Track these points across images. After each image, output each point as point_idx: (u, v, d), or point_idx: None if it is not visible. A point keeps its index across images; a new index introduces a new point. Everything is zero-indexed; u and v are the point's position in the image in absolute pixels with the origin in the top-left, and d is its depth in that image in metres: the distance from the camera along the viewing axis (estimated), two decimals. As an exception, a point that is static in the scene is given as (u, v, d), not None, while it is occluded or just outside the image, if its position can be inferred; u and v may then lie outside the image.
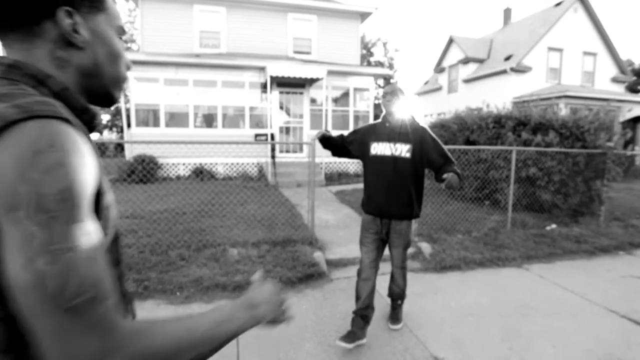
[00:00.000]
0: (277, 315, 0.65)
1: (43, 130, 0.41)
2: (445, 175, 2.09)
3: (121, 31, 0.61)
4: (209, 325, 0.52)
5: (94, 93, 0.59)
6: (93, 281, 0.41)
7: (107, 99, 0.61)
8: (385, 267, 2.72)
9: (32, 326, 0.39)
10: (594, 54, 16.28)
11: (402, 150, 2.27)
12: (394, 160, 2.28)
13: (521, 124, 6.16)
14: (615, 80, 16.65)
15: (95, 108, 0.59)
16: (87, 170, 0.44)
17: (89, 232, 0.42)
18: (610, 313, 2.92)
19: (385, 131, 2.35)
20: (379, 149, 2.33)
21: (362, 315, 2.37)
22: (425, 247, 4.16)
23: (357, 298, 2.41)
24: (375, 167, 2.36)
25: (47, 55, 0.52)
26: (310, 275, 3.38)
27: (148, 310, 2.79)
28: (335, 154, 2.58)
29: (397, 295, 2.59)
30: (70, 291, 0.39)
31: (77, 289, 0.39)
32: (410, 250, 4.15)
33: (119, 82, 0.62)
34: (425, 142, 2.30)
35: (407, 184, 2.29)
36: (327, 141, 2.49)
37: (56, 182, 0.40)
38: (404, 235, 2.39)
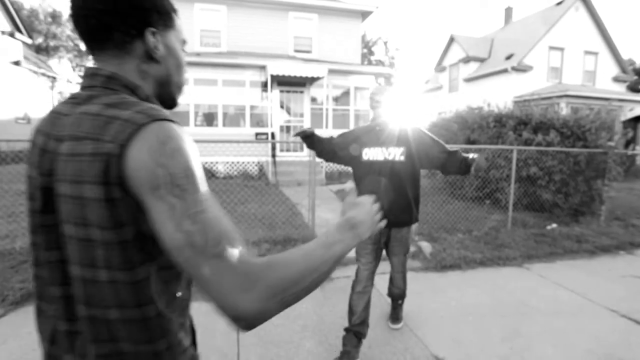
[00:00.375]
0: (374, 229, 0.72)
1: (162, 129, 0.53)
2: (471, 157, 2.00)
3: (184, 43, 0.73)
4: (321, 251, 0.59)
5: (162, 98, 0.70)
6: (224, 232, 0.52)
7: (172, 103, 0.73)
8: (383, 267, 2.72)
9: (191, 273, 0.50)
10: (595, 53, 16.25)
11: (396, 153, 2.16)
12: (388, 165, 2.16)
13: (522, 123, 6.15)
14: (616, 79, 16.63)
15: None
16: (194, 153, 0.56)
17: (208, 197, 0.54)
18: (611, 313, 2.92)
19: (376, 135, 2.20)
20: (371, 154, 2.19)
21: (356, 332, 2.19)
22: (426, 247, 4.16)
23: (351, 313, 2.21)
24: (368, 174, 2.21)
25: (135, 68, 0.63)
26: (310, 274, 3.38)
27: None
28: (322, 156, 2.42)
29: (397, 296, 2.55)
30: (211, 242, 0.49)
31: (216, 240, 0.50)
32: (411, 250, 4.16)
33: (182, 87, 0.74)
34: (422, 141, 2.19)
35: (405, 189, 2.17)
36: (310, 141, 2.34)
37: (180, 164, 0.52)
38: (405, 242, 2.33)
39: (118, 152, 0.51)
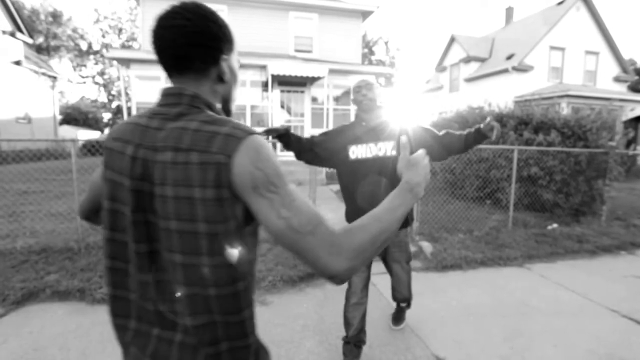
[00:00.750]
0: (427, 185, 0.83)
1: (255, 141, 0.66)
2: (484, 125, 1.85)
3: (239, 63, 0.85)
4: (388, 215, 0.70)
5: (224, 111, 0.83)
6: (312, 213, 0.65)
7: (229, 115, 0.83)
8: (380, 267, 2.71)
9: (293, 249, 0.64)
10: (596, 53, 16.23)
11: (387, 148, 1.97)
12: (379, 161, 1.97)
13: (523, 123, 6.15)
14: (617, 79, 16.61)
15: None
16: (276, 157, 0.69)
17: (294, 188, 0.68)
18: (611, 313, 2.91)
19: (363, 131, 2.02)
20: (358, 152, 2.00)
21: (356, 343, 2.14)
22: (427, 247, 4.15)
23: (348, 324, 2.13)
24: (357, 174, 2.00)
25: (209, 88, 0.76)
26: (311, 274, 3.37)
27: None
28: (301, 157, 2.11)
29: (402, 301, 2.46)
30: (304, 223, 0.63)
31: (307, 220, 0.64)
32: (412, 250, 4.16)
33: (234, 101, 0.87)
34: (414, 132, 2.03)
35: (393, 184, 1.98)
36: (286, 140, 2.02)
37: (271, 167, 0.65)
38: (405, 247, 2.19)
39: (226, 161, 0.63)
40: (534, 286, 3.41)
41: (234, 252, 0.67)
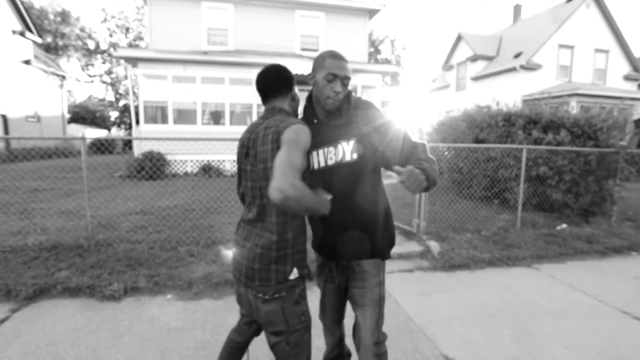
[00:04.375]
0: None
1: (296, 126, 1.29)
2: (398, 168, 1.23)
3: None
4: (315, 204, 1.23)
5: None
6: (296, 166, 1.18)
7: (296, 116, 1.52)
8: (390, 266, 2.70)
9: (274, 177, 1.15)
10: (606, 51, 16.01)
11: (344, 151, 1.43)
12: (334, 170, 1.45)
13: (532, 122, 6.08)
14: (627, 78, 16.37)
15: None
16: (305, 136, 1.29)
17: (300, 151, 1.23)
18: (623, 315, 2.87)
19: (316, 131, 1.45)
20: (315, 160, 1.48)
21: None
22: (434, 246, 4.14)
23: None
24: (324, 183, 1.46)
25: (288, 104, 1.47)
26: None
27: (158, 306, 2.82)
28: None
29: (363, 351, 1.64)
30: (292, 168, 1.16)
31: (293, 168, 1.17)
32: (419, 249, 4.14)
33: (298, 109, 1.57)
34: (377, 126, 1.44)
35: (359, 201, 1.47)
36: None
37: (293, 139, 1.25)
38: (371, 285, 1.53)
39: (281, 132, 1.29)
40: (543, 287, 3.38)
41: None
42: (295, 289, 1.38)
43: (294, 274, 1.36)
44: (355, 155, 1.44)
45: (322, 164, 1.48)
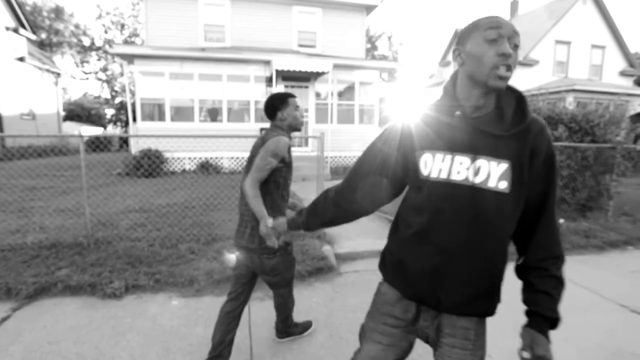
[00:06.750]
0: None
1: (275, 139, 1.81)
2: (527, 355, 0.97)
3: (297, 109, 1.99)
4: (258, 211, 1.70)
5: (293, 129, 2.01)
6: (262, 169, 1.77)
7: (298, 130, 2.01)
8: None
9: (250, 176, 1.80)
10: (602, 47, 16.07)
11: (488, 172, 0.95)
12: (458, 192, 0.97)
13: (529, 118, 6.10)
14: (623, 73, 16.45)
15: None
16: (284, 146, 1.81)
17: (270, 160, 1.78)
18: (621, 308, 2.91)
19: (448, 128, 1.01)
20: (429, 165, 1.01)
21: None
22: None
23: None
24: (429, 204, 1.02)
25: (278, 124, 1.94)
26: (319, 269, 3.39)
27: (160, 304, 2.82)
28: (328, 219, 1.24)
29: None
30: (259, 167, 1.77)
31: (257, 167, 1.77)
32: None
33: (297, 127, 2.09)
34: (540, 158, 0.98)
35: (495, 242, 1.04)
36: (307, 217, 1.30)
37: (274, 149, 1.78)
38: (477, 347, 1.11)
39: (265, 141, 1.83)
40: (542, 281, 3.40)
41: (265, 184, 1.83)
42: (287, 247, 1.95)
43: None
44: (503, 185, 0.95)
45: (443, 175, 0.98)
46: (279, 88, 10.56)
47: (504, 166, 0.94)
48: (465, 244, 0.99)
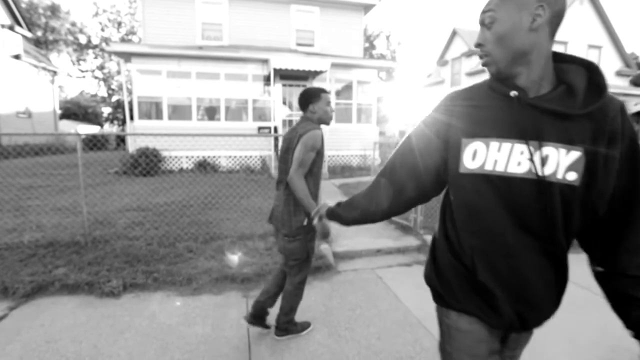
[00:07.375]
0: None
1: (310, 133, 2.00)
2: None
3: (328, 104, 2.15)
4: (307, 204, 1.96)
5: (322, 122, 2.18)
6: (302, 163, 2.00)
7: (328, 124, 2.21)
8: (388, 260, 2.71)
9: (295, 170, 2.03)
10: (599, 47, 16.16)
11: (557, 162, 0.80)
12: (543, 189, 0.81)
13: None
14: (619, 73, 16.55)
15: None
16: (318, 139, 2.01)
17: (309, 158, 2.02)
18: (616, 305, 2.94)
19: (506, 110, 0.85)
20: (482, 156, 0.86)
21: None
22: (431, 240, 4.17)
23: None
24: (486, 202, 0.87)
25: (310, 115, 2.14)
26: (317, 268, 3.40)
27: (158, 302, 2.82)
28: (369, 215, 1.20)
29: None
30: (302, 162, 2.00)
31: (300, 164, 2.00)
32: (416, 243, 4.18)
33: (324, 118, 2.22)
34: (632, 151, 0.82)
35: (560, 244, 0.88)
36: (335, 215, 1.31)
37: (313, 143, 2.00)
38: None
39: (301, 135, 2.01)
40: (538, 279, 3.43)
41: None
42: (308, 234, 2.11)
43: (305, 222, 2.06)
44: (573, 177, 0.80)
45: (499, 168, 0.83)
46: (277, 87, 10.55)
47: (575, 154, 0.79)
48: (535, 250, 0.85)
